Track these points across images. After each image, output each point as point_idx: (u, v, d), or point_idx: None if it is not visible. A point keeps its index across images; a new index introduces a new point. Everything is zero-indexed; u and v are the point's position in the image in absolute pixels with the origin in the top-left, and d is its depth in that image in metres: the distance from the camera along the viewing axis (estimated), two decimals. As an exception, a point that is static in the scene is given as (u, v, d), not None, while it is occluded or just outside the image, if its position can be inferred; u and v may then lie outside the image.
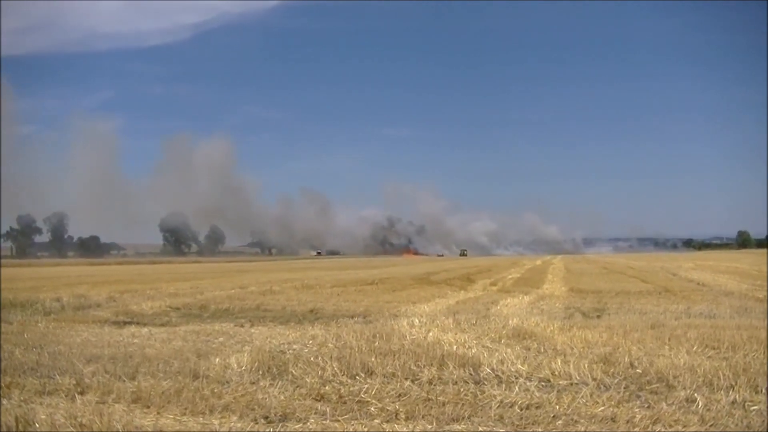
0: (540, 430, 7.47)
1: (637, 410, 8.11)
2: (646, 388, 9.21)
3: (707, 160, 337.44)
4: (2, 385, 9.78)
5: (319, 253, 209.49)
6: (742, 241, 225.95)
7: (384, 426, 7.61)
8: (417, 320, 15.79)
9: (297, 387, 9.53)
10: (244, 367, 10.68)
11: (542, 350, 12.00)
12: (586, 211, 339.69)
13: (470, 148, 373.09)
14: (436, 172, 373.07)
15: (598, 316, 18.50)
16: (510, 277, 44.55)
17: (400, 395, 8.98)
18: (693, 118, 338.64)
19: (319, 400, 8.88)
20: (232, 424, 7.82)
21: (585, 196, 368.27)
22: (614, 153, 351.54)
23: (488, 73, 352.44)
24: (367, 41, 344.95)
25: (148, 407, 8.58)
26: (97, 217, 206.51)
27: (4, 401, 8.89)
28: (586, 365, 10.22)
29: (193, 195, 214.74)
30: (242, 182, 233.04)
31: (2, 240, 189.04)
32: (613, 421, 7.74)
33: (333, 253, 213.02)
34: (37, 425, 7.58)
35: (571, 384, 9.51)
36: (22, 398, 9.11)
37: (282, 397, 8.98)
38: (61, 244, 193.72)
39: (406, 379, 9.85)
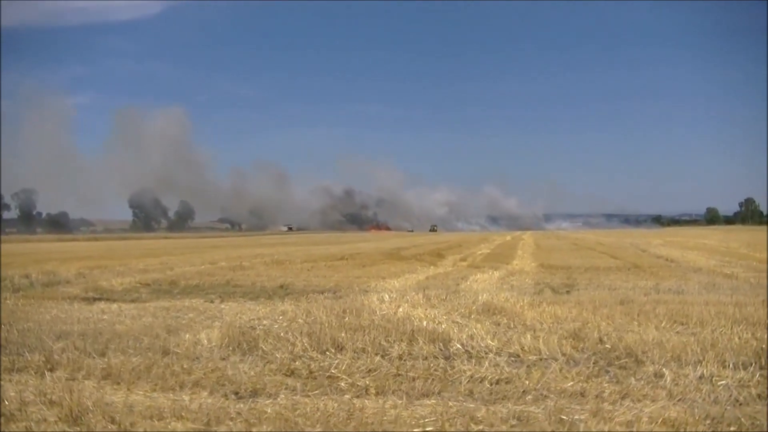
0: (510, 404, 7.51)
1: (606, 385, 8.18)
2: (615, 363, 9.29)
3: (676, 136, 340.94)
4: (-30, 362, 9.70)
5: (290, 229, 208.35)
6: (711, 218, 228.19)
7: (354, 401, 7.61)
8: (387, 296, 15.78)
9: (267, 362, 9.52)
10: (214, 343, 10.66)
11: (512, 326, 12.06)
12: (547, 186, 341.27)
13: (431, 123, 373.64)
14: (396, 148, 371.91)
15: (568, 292, 18.61)
16: (480, 252, 44.68)
17: (370, 370, 8.99)
18: (662, 95, 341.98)
19: (290, 376, 8.88)
20: (203, 399, 7.80)
21: (547, 171, 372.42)
22: (580, 129, 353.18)
23: (453, 51, 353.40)
24: (337, 19, 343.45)
25: (118, 384, 8.54)
26: (55, 193, 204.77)
27: (-28, 378, 8.81)
28: (555, 340, 10.29)
29: (144, 168, 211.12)
30: (196, 154, 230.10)
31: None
32: (582, 396, 7.80)
33: (301, 229, 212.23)
34: (6, 402, 7.52)
35: (541, 359, 9.57)
36: (-10, 376, 9.05)
37: (252, 373, 8.96)
38: (29, 221, 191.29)
39: (376, 354, 9.86)
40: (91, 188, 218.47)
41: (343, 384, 8.40)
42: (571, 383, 8.27)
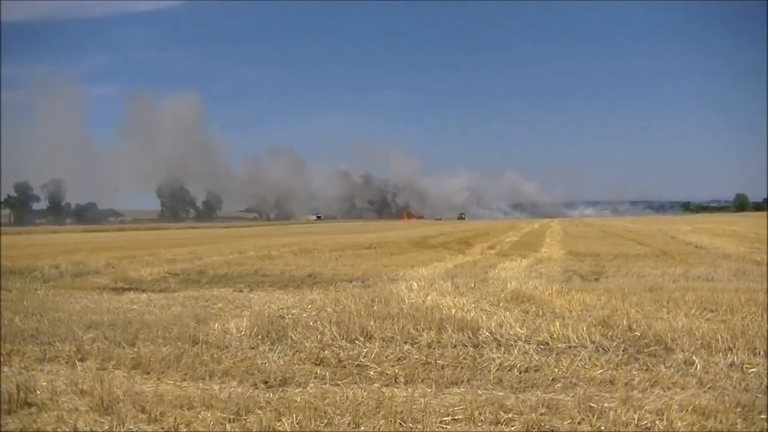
0: (539, 392, 7.50)
1: (635, 373, 8.14)
2: (645, 350, 9.24)
3: (705, 121, 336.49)
4: (2, 352, 9.83)
5: (318, 218, 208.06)
6: (740, 204, 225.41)
7: (383, 390, 7.63)
8: (415, 284, 15.78)
9: (296, 351, 9.56)
10: (243, 333, 10.70)
11: (541, 313, 12.04)
12: (569, 171, 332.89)
13: (447, 109, 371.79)
14: (410, 134, 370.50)
15: (597, 279, 18.54)
16: (508, 240, 44.56)
17: (399, 359, 9.01)
18: (689, 79, 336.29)
19: (319, 365, 8.91)
20: (232, 389, 7.85)
21: (569, 156, 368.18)
22: (603, 113, 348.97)
23: (471, 35, 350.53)
24: (357, 8, 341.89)
25: (148, 373, 8.62)
26: (82, 184, 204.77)
27: (5, 368, 8.93)
28: (584, 328, 10.24)
29: (158, 156, 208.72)
30: (211, 141, 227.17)
31: (1, 207, 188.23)
32: (612, 384, 7.77)
33: (329, 217, 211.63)
34: (38, 392, 7.59)
35: (570, 347, 9.54)
36: (22, 365, 9.17)
37: (281, 362, 9.01)
38: (58, 212, 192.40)
39: (405, 342, 9.87)
40: (107, 177, 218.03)
41: (372, 373, 8.42)
42: (601, 371, 8.24)
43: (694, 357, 8.67)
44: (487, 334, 10.24)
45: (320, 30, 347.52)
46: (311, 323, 11.19)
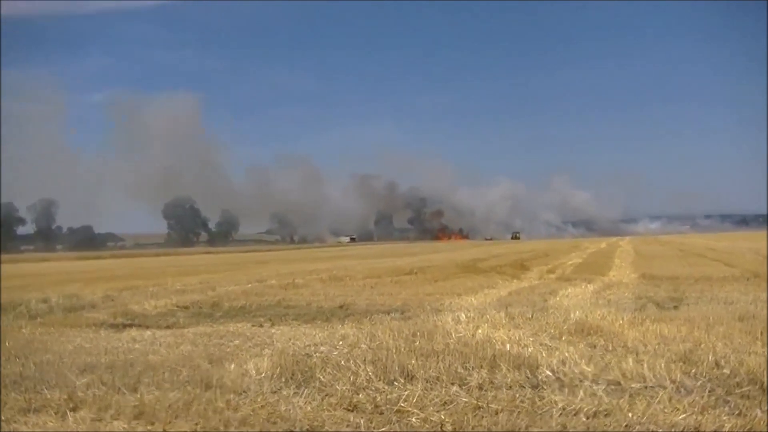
0: (610, 441, 7.40)
1: (725, 418, 8.01)
2: (736, 391, 9.10)
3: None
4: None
5: (352, 239, 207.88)
6: None
7: (427, 440, 7.57)
8: (463, 315, 15.73)
9: (326, 396, 9.52)
10: (264, 374, 10.69)
11: (610, 348, 11.93)
12: (629, 179, 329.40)
13: (485, 113, 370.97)
14: (443, 140, 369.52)
15: (676, 307, 18.38)
16: (570, 262, 44.38)
17: (445, 403, 8.94)
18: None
19: (352, 411, 8.86)
20: (252, 440, 7.82)
21: (628, 163, 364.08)
22: (671, 114, 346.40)
23: (517, 34, 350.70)
24: (391, 8, 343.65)
25: (153, 423, 8.60)
26: (75, 204, 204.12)
27: (-17, 422, 8.92)
28: (662, 365, 10.12)
29: (147, 167, 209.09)
30: (209, 150, 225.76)
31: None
32: (697, 431, 7.66)
33: (365, 239, 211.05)
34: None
35: (646, 387, 9.42)
36: (4, 417, 9.08)
37: (308, 408, 8.97)
38: (48, 236, 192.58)
39: (452, 383, 9.81)
40: (101, 195, 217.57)
41: (414, 419, 8.36)
42: (683, 416, 8.12)
43: (794, 398, 8.53)
44: (547, 372, 10.15)
45: (340, 27, 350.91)
46: (343, 362, 11.16)
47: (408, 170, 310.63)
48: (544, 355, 11.06)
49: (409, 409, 8.72)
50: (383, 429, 8.05)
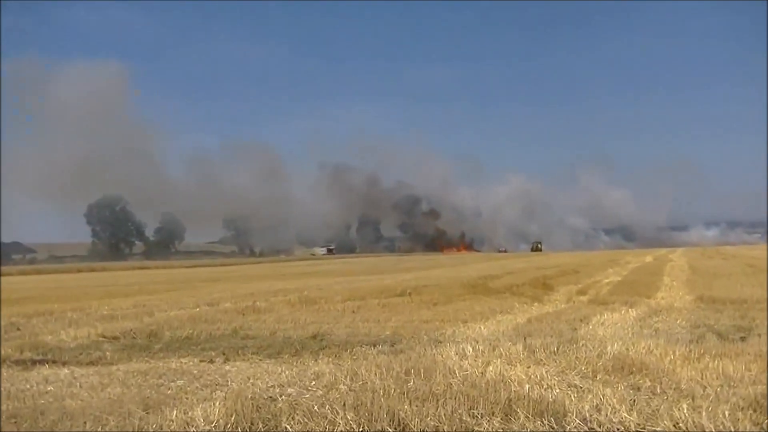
0: None
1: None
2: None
3: None
4: None
5: (330, 251, 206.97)
6: None
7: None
8: (470, 347, 15.76)
9: (294, 451, 9.51)
10: (215, 423, 10.67)
11: (658, 390, 11.94)
12: (677, 175, 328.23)
13: (492, 94, 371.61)
14: (437, 129, 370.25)
15: (743, 339, 18.41)
16: (607, 281, 44.44)
17: (447, 461, 8.94)
18: None
19: (328, 471, 8.85)
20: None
21: (676, 155, 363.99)
22: (728, 97, 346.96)
23: (537, 4, 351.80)
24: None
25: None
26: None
27: None
28: (726, 413, 10.12)
29: (57, 152, 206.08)
30: (140, 132, 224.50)
31: None
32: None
33: (347, 250, 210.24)
34: None
35: (705, 441, 9.42)
36: None
37: (272, 468, 8.96)
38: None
39: (457, 435, 9.81)
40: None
41: (407, 481, 8.35)
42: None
43: None
44: (577, 421, 10.16)
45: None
46: (317, 408, 11.14)
47: (393, 163, 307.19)
48: (573, 399, 11.06)
49: (402, 468, 8.72)
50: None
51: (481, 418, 10.42)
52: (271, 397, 12.36)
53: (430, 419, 10.36)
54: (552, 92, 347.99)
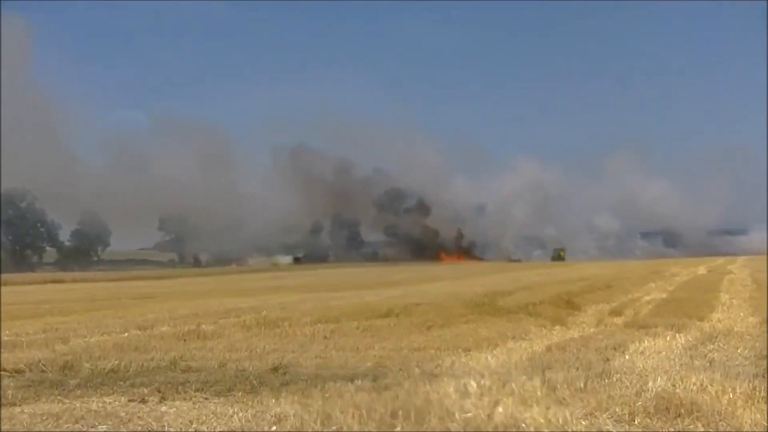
0: None
1: None
2: None
3: None
4: None
5: (297, 260, 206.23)
6: None
7: None
8: (474, 383, 15.75)
9: None
10: (147, 481, 10.67)
11: (714, 437, 11.97)
12: (733, 163, 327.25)
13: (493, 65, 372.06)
14: (423, 107, 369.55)
15: (819, 372, 18.44)
16: (648, 298, 44.53)
17: None
18: None
19: None
20: None
21: (732, 139, 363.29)
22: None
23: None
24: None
25: None
26: None
27: None
28: (798, 466, 10.16)
29: None
30: (45, 103, 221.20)
31: None
32: None
33: (312, 258, 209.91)
34: None
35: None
36: None
37: None
38: None
39: (457, 496, 9.84)
40: None
41: None
42: None
43: None
44: (612, 476, 10.18)
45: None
46: (278, 462, 11.16)
47: (368, 146, 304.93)
48: (605, 448, 11.08)
49: None
50: None
51: (488, 472, 10.44)
52: (220, 447, 12.38)
53: (423, 474, 10.38)
54: (576, 62, 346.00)
